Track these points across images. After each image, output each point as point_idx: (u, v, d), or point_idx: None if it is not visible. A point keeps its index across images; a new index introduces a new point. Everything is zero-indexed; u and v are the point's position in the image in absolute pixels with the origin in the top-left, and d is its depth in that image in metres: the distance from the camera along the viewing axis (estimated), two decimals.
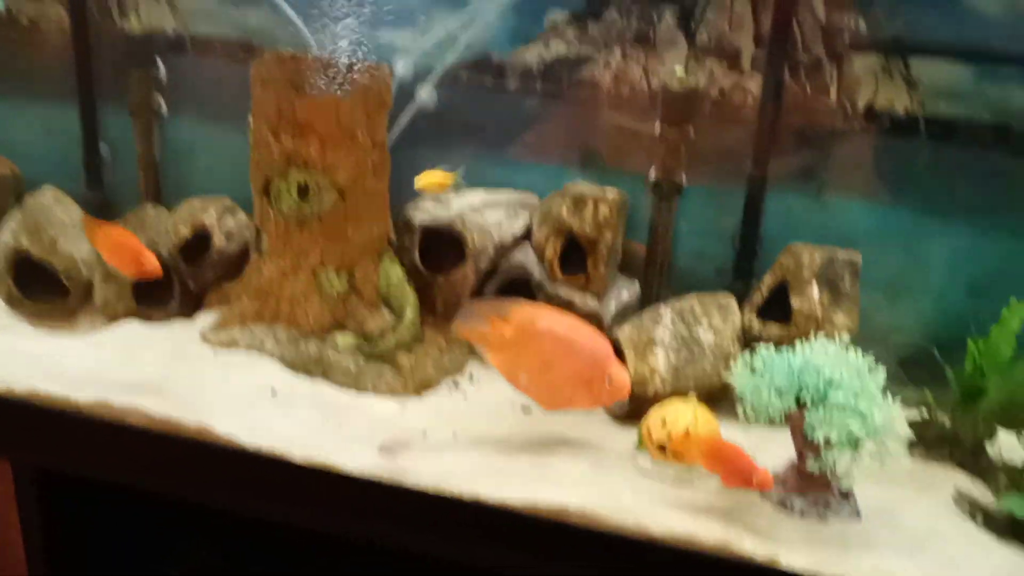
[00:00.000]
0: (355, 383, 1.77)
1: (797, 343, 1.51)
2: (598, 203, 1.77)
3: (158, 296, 1.96)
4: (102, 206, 2.18)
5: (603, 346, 1.60)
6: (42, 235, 1.95)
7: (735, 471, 1.47)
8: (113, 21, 2.11)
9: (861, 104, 1.78)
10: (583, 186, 1.80)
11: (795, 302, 1.74)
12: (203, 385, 1.73)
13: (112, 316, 1.94)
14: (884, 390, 1.46)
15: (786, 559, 1.39)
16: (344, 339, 1.82)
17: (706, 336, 1.76)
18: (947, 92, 1.75)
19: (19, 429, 1.70)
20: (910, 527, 1.50)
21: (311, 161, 1.74)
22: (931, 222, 1.83)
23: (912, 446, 1.52)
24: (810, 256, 1.76)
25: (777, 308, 1.78)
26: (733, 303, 1.83)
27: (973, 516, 1.53)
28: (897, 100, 1.77)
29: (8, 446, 1.74)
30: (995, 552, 1.46)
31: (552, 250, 1.80)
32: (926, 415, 1.68)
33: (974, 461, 1.64)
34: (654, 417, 1.60)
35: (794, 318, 1.74)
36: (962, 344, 1.67)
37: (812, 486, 1.52)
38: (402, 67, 1.93)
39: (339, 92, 1.72)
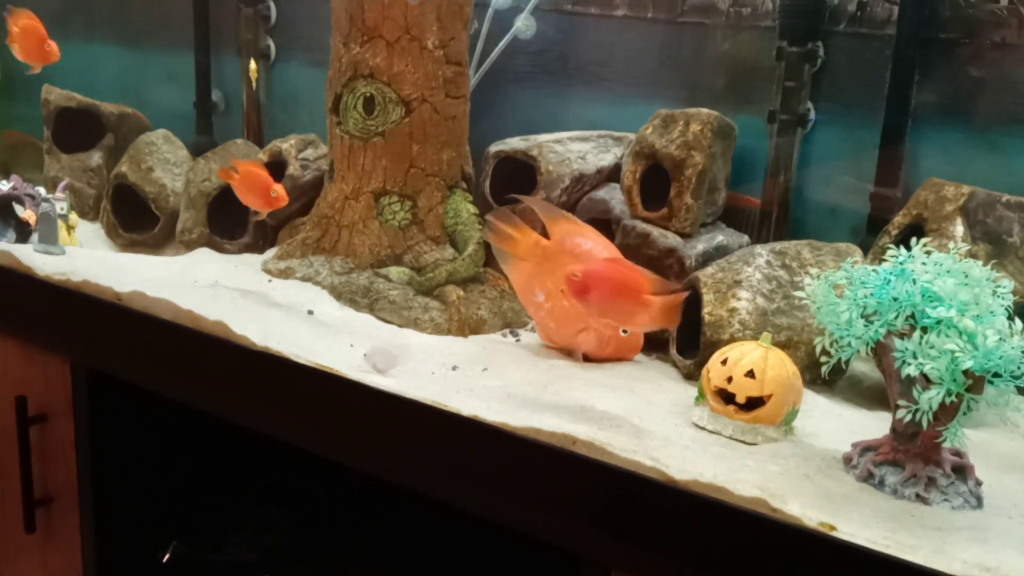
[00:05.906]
0: (398, 317, 1.57)
1: (891, 252, 1.13)
2: (689, 121, 1.48)
3: (237, 232, 1.89)
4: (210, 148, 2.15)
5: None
6: (141, 164, 1.95)
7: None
8: None
9: None
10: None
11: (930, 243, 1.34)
12: (243, 300, 1.59)
13: (188, 244, 1.89)
14: (1012, 313, 1.04)
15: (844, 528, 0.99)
16: (399, 271, 1.63)
17: None
18: None
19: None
20: None
21: (377, 70, 1.60)
22: None
23: None
24: (956, 190, 1.36)
25: None
26: (857, 253, 1.44)
27: None
28: None
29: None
30: None
31: (631, 176, 1.51)
32: None
33: None
34: (715, 357, 1.26)
35: None
36: None
37: (912, 455, 1.11)
38: None
39: None
